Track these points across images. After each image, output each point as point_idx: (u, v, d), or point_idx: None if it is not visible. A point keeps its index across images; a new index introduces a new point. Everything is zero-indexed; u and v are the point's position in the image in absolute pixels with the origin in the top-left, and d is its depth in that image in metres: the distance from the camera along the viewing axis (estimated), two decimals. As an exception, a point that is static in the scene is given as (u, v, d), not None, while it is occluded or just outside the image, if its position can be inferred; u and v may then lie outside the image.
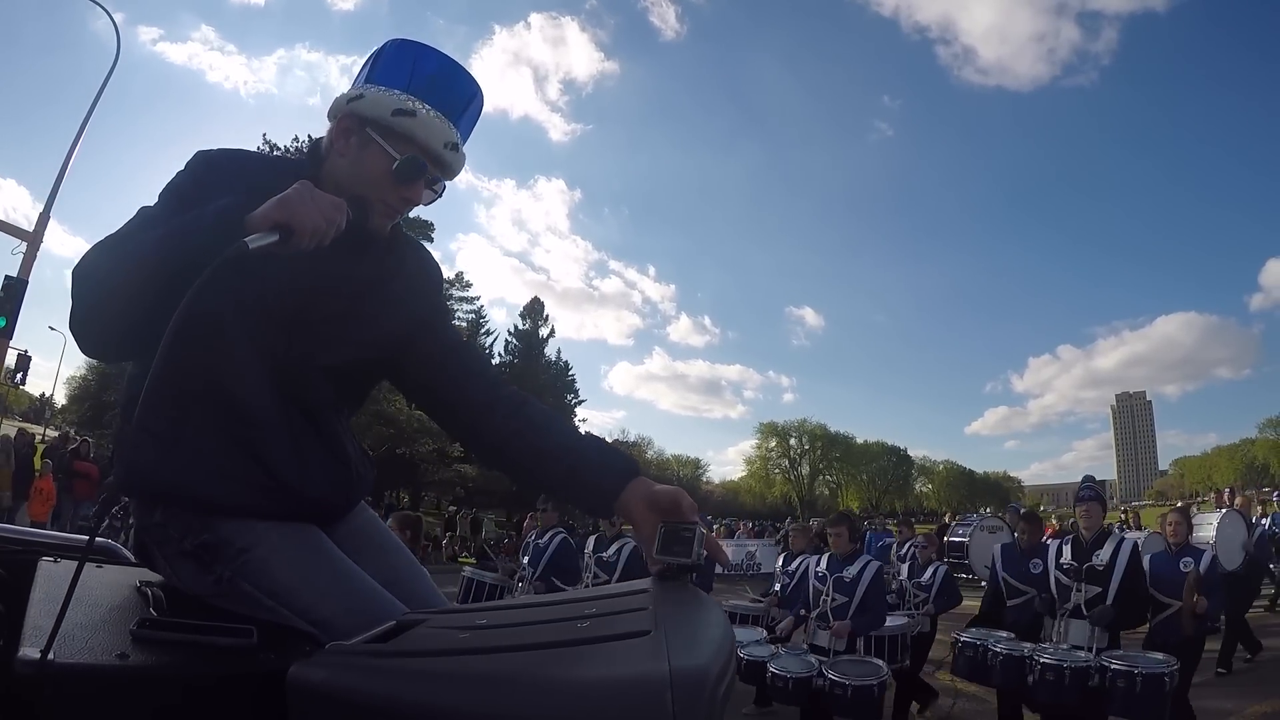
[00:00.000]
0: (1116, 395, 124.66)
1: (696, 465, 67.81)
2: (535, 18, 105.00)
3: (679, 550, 1.08)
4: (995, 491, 71.33)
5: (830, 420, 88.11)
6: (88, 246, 1.13)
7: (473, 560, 21.05)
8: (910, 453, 70.83)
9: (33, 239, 11.65)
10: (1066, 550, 4.34)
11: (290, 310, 1.18)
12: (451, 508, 30.98)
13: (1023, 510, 8.49)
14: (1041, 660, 3.91)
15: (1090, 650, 3.96)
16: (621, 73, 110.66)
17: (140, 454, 1.15)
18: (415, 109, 1.20)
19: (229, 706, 0.90)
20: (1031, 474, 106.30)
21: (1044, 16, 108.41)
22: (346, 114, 1.22)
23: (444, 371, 1.36)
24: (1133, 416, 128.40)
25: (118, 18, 14.25)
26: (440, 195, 1.33)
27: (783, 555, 7.01)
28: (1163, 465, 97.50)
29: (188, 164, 1.20)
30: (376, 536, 1.40)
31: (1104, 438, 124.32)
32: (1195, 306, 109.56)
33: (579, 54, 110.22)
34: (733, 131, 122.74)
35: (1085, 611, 4.08)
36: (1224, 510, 8.78)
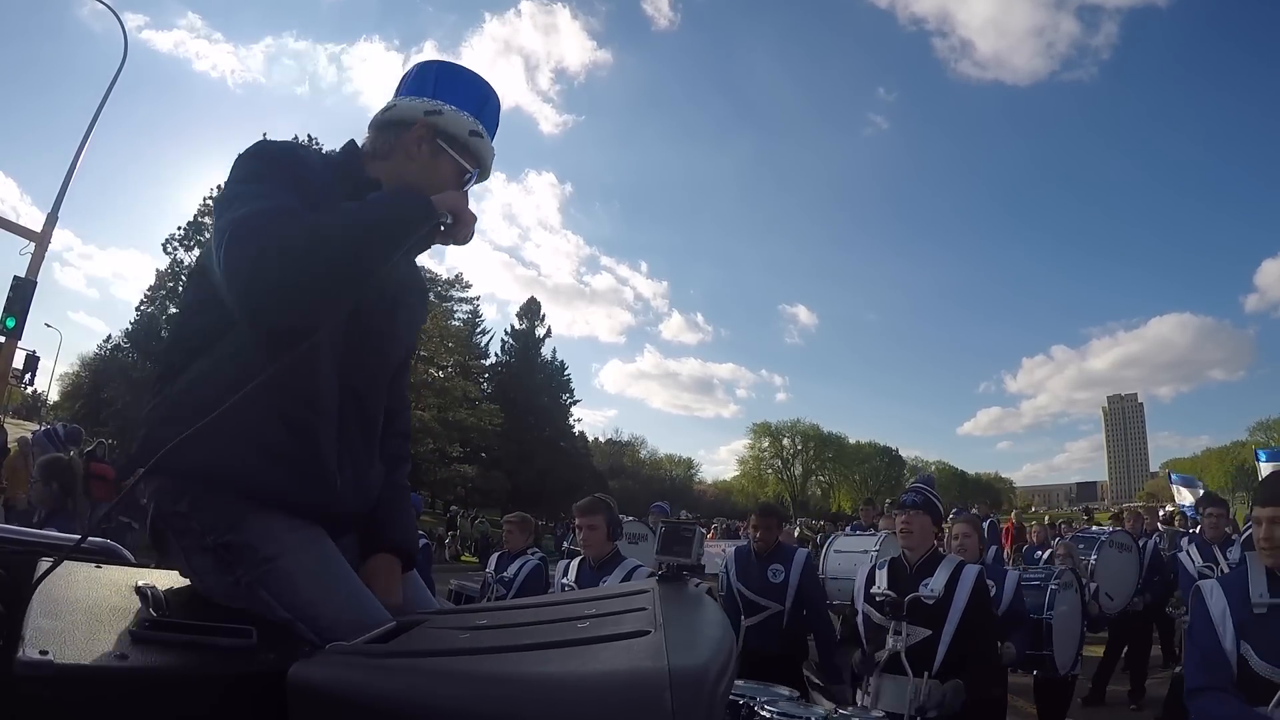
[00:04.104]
0: (1108, 397, 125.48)
1: (689, 465, 67.86)
2: (526, 5, 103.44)
3: (679, 551, 1.09)
4: (987, 492, 71.56)
5: (823, 420, 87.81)
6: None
7: (475, 559, 21.19)
8: (902, 453, 71.04)
9: (40, 240, 11.57)
10: (882, 576, 3.18)
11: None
12: (453, 507, 31.07)
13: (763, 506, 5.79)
14: None
15: None
16: (614, 63, 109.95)
17: (177, 429, 1.07)
18: (483, 132, 1.38)
19: (229, 707, 0.90)
20: (1024, 475, 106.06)
21: (1043, 10, 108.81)
22: (424, 124, 1.33)
23: (400, 381, 1.49)
24: (1124, 418, 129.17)
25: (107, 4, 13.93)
26: None
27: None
28: (1154, 467, 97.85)
29: (261, 155, 1.22)
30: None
31: (1096, 439, 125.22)
32: (1190, 307, 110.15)
33: (570, 43, 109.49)
34: (726, 124, 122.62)
35: (906, 663, 2.93)
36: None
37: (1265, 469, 11.38)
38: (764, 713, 2.47)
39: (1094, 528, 10.04)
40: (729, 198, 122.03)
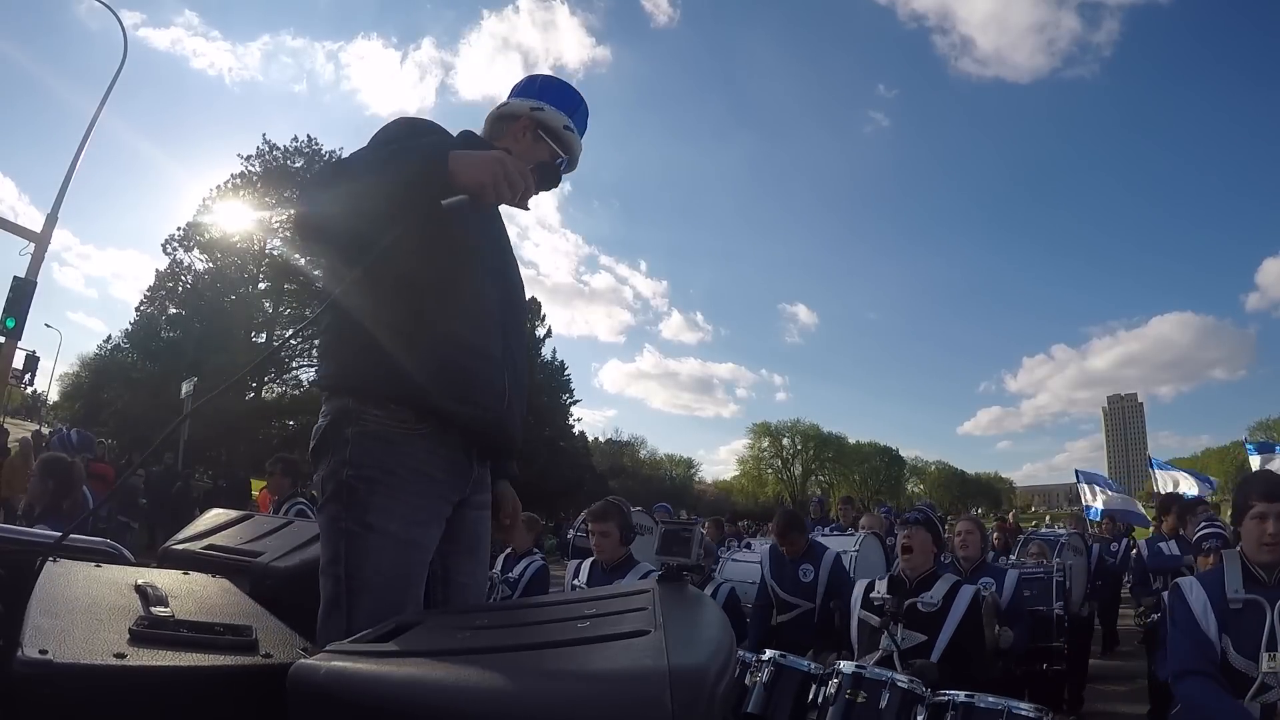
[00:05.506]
0: (1108, 397, 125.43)
1: (689, 465, 67.65)
2: (524, 1, 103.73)
3: (678, 551, 1.09)
4: (987, 492, 71.60)
5: (823, 419, 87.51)
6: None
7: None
8: (902, 453, 70.99)
9: (40, 240, 11.51)
10: (881, 586, 3.38)
11: (480, 250, 1.52)
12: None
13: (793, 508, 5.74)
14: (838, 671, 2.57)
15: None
16: (613, 60, 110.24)
17: (366, 354, 1.37)
18: (574, 129, 1.71)
19: (228, 705, 0.90)
20: (1023, 475, 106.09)
21: (1044, 6, 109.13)
22: (528, 117, 1.67)
23: None
24: (1124, 418, 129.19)
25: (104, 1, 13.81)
26: None
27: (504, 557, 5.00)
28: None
29: (397, 123, 1.55)
30: (482, 536, 1.60)
31: (1096, 439, 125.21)
32: (1191, 306, 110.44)
33: (569, 39, 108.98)
34: (725, 122, 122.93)
35: (898, 665, 2.96)
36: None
37: (1256, 462, 10.85)
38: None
39: (1043, 529, 10.06)
40: (729, 196, 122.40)
